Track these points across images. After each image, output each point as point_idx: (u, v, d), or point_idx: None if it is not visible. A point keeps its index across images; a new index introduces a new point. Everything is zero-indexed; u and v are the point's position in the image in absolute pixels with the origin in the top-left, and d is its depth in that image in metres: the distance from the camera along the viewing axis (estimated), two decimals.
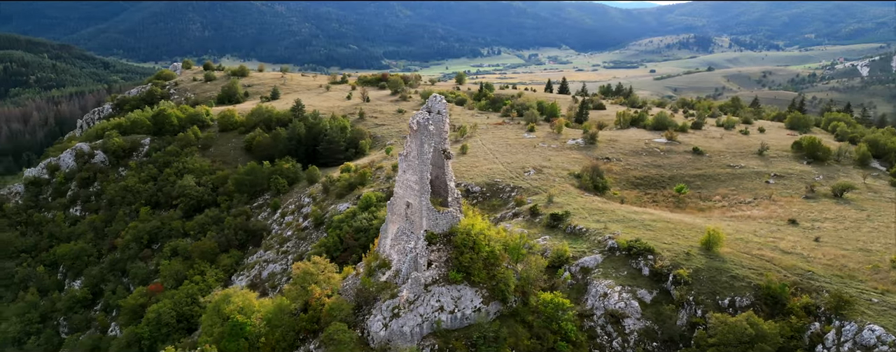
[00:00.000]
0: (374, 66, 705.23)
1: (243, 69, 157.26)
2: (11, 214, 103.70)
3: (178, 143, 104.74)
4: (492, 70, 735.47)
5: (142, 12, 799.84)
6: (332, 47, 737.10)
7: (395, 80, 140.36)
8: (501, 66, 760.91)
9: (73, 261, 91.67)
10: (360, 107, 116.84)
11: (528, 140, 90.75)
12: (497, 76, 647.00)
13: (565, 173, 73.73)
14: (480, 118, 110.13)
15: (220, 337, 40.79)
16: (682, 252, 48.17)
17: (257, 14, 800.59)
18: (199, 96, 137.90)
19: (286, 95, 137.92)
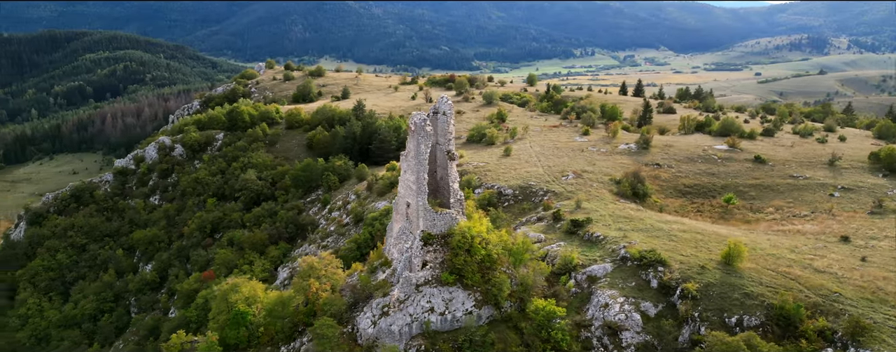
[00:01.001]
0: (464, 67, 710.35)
1: (320, 69, 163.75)
2: (101, 201, 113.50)
3: (247, 138, 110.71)
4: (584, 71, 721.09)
5: (250, 15, 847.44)
6: (424, 49, 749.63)
7: (460, 81, 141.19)
8: (594, 68, 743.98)
9: (147, 246, 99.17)
10: (419, 107, 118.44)
11: (578, 143, 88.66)
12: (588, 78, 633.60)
13: (606, 179, 71.52)
14: (538, 120, 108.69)
15: (224, 325, 43.04)
16: (697, 265, 45.65)
17: (355, 16, 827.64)
18: (277, 95, 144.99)
19: (356, 94, 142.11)
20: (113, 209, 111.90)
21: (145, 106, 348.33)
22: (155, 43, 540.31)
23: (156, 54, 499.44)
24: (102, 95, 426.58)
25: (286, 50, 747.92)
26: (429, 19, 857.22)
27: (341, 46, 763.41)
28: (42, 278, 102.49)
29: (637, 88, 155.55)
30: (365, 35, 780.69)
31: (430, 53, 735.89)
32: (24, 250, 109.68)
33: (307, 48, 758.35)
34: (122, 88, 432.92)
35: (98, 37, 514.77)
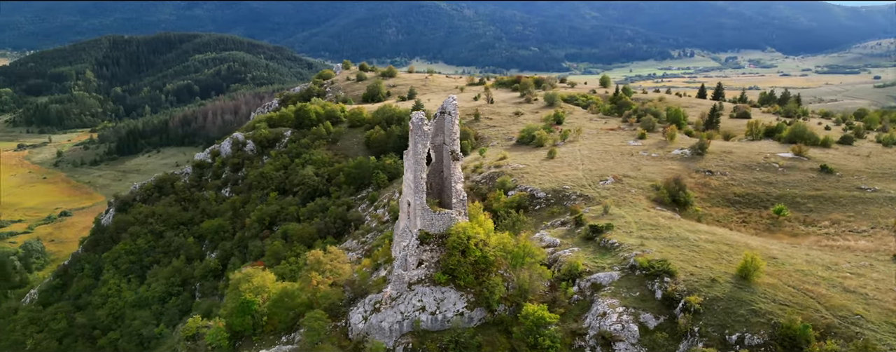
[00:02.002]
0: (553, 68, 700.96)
1: (391, 70, 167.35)
2: (179, 191, 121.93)
3: (311, 136, 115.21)
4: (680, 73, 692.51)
5: (348, 18, 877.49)
6: (513, 50, 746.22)
7: (524, 83, 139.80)
8: (692, 70, 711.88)
9: (213, 235, 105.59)
10: (479, 108, 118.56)
11: (630, 147, 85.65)
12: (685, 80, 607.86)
13: (647, 185, 68.74)
14: (596, 123, 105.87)
15: (232, 312, 45.38)
16: (708, 278, 43.17)
17: (446, 18, 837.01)
18: (349, 94, 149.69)
19: (423, 95, 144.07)
20: (189, 200, 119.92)
21: (242, 104, 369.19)
22: (257, 44, 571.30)
23: (257, 55, 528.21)
24: (208, 93, 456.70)
25: (380, 51, 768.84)
26: (519, 20, 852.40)
27: (432, 48, 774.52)
28: (123, 261, 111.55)
29: (716, 90, 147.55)
30: (455, 37, 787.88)
31: (519, 55, 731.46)
32: (110, 235, 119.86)
33: (399, 50, 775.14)
34: (226, 87, 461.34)
35: (207, 39, 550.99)
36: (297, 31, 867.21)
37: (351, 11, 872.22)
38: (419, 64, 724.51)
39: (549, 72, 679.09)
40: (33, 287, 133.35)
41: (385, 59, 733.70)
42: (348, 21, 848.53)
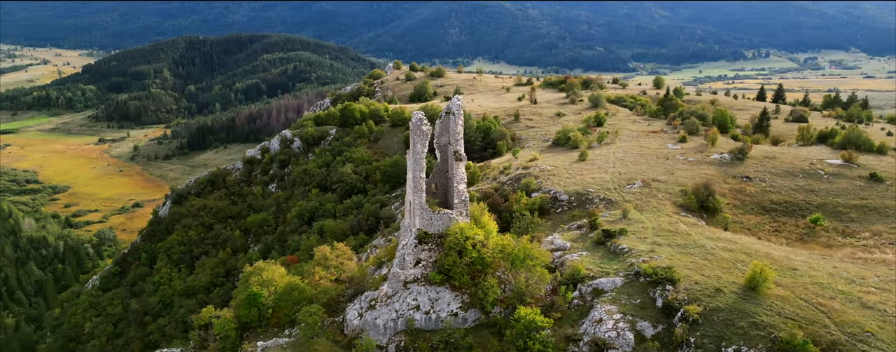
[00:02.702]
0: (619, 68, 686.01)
1: (440, 70, 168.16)
2: (230, 186, 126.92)
3: (354, 135, 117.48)
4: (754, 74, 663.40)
5: (413, 19, 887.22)
6: (577, 50, 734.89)
7: (571, 83, 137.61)
8: (767, 71, 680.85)
9: (257, 229, 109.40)
10: (520, 108, 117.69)
11: (668, 151, 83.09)
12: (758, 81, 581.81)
13: (676, 190, 66.55)
14: (639, 125, 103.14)
15: (240, 304, 47.09)
16: (713, 287, 41.55)
17: (510, 18, 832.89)
18: (396, 94, 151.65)
19: (468, 94, 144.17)
20: (238, 194, 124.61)
21: (305, 102, 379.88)
22: (322, 45, 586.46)
23: (322, 55, 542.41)
24: (274, 91, 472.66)
25: (442, 52, 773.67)
26: (585, 20, 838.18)
27: (494, 48, 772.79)
28: (175, 252, 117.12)
29: (777, 93, 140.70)
30: (518, 37, 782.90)
31: (583, 55, 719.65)
32: (165, 226, 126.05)
33: (461, 50, 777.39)
34: (291, 86, 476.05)
35: (275, 39, 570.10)
36: (363, 31, 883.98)
37: (415, 12, 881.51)
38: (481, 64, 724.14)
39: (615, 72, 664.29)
40: (96, 273, 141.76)
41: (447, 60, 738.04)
42: (412, 22, 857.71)
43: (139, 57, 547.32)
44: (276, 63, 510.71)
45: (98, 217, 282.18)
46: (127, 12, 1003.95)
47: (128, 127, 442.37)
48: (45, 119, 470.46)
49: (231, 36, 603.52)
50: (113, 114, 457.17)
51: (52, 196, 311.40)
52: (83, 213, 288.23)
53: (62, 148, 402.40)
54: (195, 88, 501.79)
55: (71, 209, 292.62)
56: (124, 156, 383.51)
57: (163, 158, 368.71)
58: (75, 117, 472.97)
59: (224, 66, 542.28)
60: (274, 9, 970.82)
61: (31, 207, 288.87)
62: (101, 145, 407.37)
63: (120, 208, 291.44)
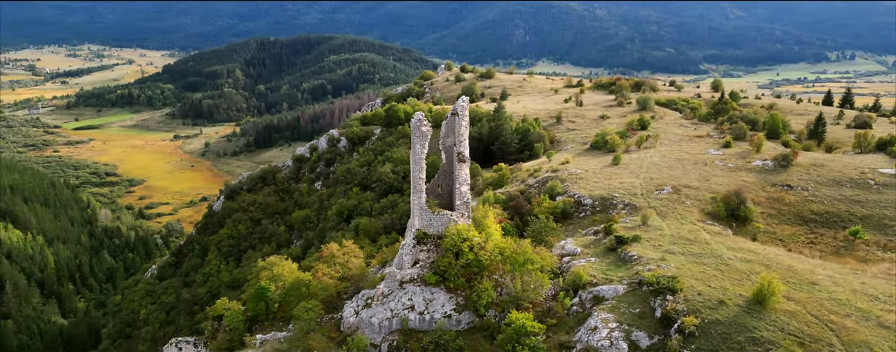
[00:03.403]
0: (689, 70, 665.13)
1: (490, 71, 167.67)
2: (279, 183, 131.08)
3: (397, 135, 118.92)
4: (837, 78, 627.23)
5: (478, 20, 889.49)
6: (646, 51, 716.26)
7: (620, 85, 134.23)
8: (851, 74, 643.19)
9: (300, 225, 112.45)
10: (564, 110, 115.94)
11: (708, 156, 79.89)
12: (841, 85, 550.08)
13: (707, 197, 63.95)
14: (685, 129, 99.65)
15: (250, 297, 48.72)
16: (717, 299, 39.77)
17: (577, 19, 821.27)
18: (444, 95, 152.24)
19: (517, 96, 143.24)
20: (286, 191, 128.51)
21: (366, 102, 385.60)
22: (387, 46, 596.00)
23: (386, 57, 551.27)
24: (339, 92, 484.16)
25: (506, 53, 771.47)
26: (655, 20, 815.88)
27: (559, 49, 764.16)
28: (225, 245, 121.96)
29: (844, 97, 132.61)
30: (584, 37, 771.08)
31: (651, 56, 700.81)
32: (218, 220, 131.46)
33: (526, 51, 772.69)
34: (355, 87, 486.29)
35: (341, 41, 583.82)
36: (428, 33, 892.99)
37: (480, 13, 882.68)
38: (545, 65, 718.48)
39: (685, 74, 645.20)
40: (155, 263, 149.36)
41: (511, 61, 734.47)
42: (477, 23, 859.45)
43: (214, 58, 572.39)
44: (342, 64, 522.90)
45: (168, 210, 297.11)
46: (206, 15, 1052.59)
47: (201, 124, 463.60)
48: (127, 116, 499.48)
49: (300, 37, 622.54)
50: (188, 112, 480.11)
51: (128, 189, 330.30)
52: (155, 205, 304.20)
53: (141, 143, 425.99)
54: (265, 87, 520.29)
55: (144, 202, 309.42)
56: (196, 152, 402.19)
57: (231, 154, 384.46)
58: (154, 114, 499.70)
59: (292, 66, 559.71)
60: (343, 10, 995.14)
61: (109, 198, 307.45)
62: (176, 141, 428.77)
63: (189, 202, 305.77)
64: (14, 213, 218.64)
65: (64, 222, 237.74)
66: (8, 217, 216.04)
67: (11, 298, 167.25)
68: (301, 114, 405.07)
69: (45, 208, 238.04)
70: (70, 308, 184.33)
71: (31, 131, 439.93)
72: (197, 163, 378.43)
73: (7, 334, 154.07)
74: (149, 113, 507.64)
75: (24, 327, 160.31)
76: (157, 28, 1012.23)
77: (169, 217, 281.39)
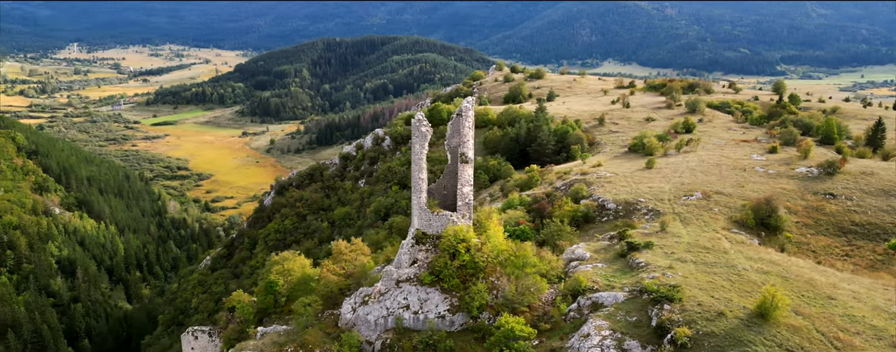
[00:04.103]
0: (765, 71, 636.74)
1: (539, 72, 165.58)
2: (325, 180, 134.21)
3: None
4: None
5: (543, 20, 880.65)
6: (718, 51, 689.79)
7: (670, 87, 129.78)
8: None
9: (341, 221, 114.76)
10: (609, 112, 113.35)
11: (750, 162, 76.39)
12: None
13: (739, 204, 61.16)
14: (733, 133, 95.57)
15: (260, 291, 50.26)
16: (716, 310, 38.08)
17: (645, 18, 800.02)
18: (492, 95, 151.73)
19: (564, 97, 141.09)
20: (332, 188, 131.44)
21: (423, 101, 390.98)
22: (449, 47, 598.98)
23: (448, 57, 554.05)
24: (400, 91, 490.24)
25: (571, 53, 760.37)
26: (729, 19, 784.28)
27: (626, 49, 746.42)
28: (272, 239, 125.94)
29: None
30: (652, 37, 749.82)
31: (724, 56, 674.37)
32: (267, 214, 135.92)
33: (591, 51, 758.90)
34: (416, 87, 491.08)
35: (404, 41, 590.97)
36: (492, 33, 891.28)
37: (545, 13, 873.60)
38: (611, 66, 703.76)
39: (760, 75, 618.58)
40: (209, 254, 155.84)
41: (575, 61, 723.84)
42: (542, 23, 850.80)
43: (282, 57, 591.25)
44: (404, 64, 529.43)
45: (232, 203, 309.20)
46: (279, 16, 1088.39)
47: (268, 122, 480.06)
48: (200, 113, 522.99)
49: (364, 38, 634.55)
50: (256, 109, 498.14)
51: (197, 182, 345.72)
52: (221, 199, 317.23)
53: (211, 139, 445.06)
54: (329, 87, 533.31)
55: (211, 195, 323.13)
56: (262, 148, 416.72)
57: (294, 151, 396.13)
58: (225, 112, 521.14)
59: (356, 66, 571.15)
60: (408, 11, 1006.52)
61: (178, 191, 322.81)
62: (244, 138, 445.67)
63: (252, 196, 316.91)
64: (90, 203, 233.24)
65: (135, 213, 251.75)
66: (84, 207, 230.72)
67: (82, 283, 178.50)
68: (362, 113, 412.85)
69: (119, 199, 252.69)
70: (135, 294, 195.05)
71: (112, 126, 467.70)
72: (262, 159, 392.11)
73: (76, 317, 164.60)
74: (220, 110, 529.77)
75: (92, 310, 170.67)
76: (232, 29, 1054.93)
77: (232, 211, 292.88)
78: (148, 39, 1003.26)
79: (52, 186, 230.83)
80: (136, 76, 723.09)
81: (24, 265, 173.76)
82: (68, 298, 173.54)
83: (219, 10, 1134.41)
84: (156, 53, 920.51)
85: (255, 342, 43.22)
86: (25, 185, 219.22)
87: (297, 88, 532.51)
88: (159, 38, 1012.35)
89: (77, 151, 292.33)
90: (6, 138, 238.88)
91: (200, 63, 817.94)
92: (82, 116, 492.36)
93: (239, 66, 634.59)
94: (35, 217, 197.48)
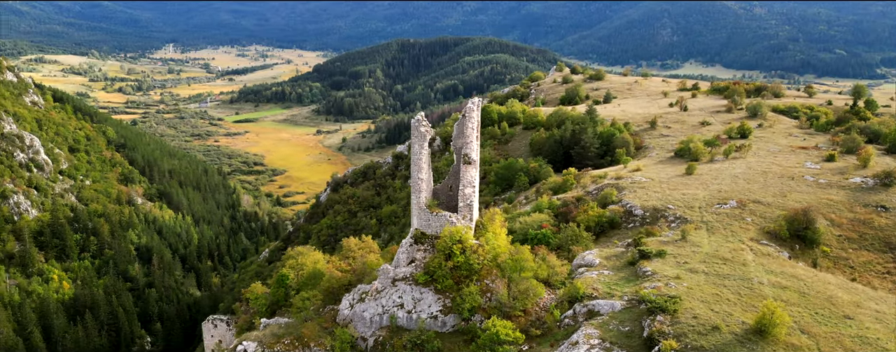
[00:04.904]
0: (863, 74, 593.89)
1: (599, 73, 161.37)
2: (377, 178, 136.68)
3: (485, 136, 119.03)
4: None
5: (622, 20, 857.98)
6: (811, 52, 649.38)
7: (733, 90, 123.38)
8: None
9: (387, 219, 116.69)
10: (663, 115, 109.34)
11: (802, 170, 71.83)
12: None
13: (775, 215, 57.69)
14: (794, 139, 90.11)
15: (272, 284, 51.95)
16: (712, 324, 36.17)
17: (732, 17, 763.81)
18: (548, 96, 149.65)
19: (622, 99, 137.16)
20: (382, 186, 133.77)
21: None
22: (521, 47, 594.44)
23: (520, 58, 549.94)
24: (469, 92, 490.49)
25: (650, 54, 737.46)
26: (824, 18, 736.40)
27: (710, 50, 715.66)
28: (323, 234, 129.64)
29: None
30: (739, 38, 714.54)
31: (817, 58, 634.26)
32: (322, 210, 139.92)
33: (672, 52, 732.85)
34: (486, 87, 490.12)
35: (477, 42, 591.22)
36: (568, 33, 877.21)
37: (625, 13, 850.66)
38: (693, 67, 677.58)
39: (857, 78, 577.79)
40: (268, 247, 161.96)
41: (655, 62, 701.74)
42: (620, 23, 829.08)
43: (358, 58, 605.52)
44: (475, 65, 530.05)
45: (302, 199, 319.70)
46: (358, 18, 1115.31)
47: (341, 121, 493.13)
48: (279, 111, 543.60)
49: (437, 39, 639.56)
50: (331, 109, 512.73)
51: (271, 178, 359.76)
52: (292, 194, 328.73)
53: (288, 137, 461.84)
54: (401, 87, 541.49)
55: (283, 190, 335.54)
56: (334, 146, 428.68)
57: (364, 149, 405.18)
58: (302, 111, 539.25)
59: (428, 67, 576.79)
60: (485, 12, 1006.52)
61: (253, 186, 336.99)
62: (318, 136, 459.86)
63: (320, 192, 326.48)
64: (170, 194, 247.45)
65: (211, 205, 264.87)
66: (164, 198, 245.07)
67: (157, 269, 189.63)
68: (430, 113, 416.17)
69: (196, 192, 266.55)
70: (205, 283, 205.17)
71: (198, 123, 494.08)
72: (333, 157, 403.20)
73: (150, 301, 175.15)
74: (298, 109, 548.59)
75: (165, 295, 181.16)
76: (314, 30, 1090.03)
77: (302, 206, 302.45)
78: (236, 40, 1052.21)
79: (136, 178, 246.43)
80: (222, 75, 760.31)
81: (105, 251, 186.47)
82: (144, 283, 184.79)
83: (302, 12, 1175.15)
84: (242, 54, 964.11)
85: (258, 333, 44.74)
86: (112, 176, 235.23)
87: (370, 88, 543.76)
88: (246, 39, 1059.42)
89: (161, 146, 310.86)
90: (98, 132, 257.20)
91: (282, 63, 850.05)
92: (172, 113, 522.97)
93: (317, 67, 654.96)
94: (119, 206, 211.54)
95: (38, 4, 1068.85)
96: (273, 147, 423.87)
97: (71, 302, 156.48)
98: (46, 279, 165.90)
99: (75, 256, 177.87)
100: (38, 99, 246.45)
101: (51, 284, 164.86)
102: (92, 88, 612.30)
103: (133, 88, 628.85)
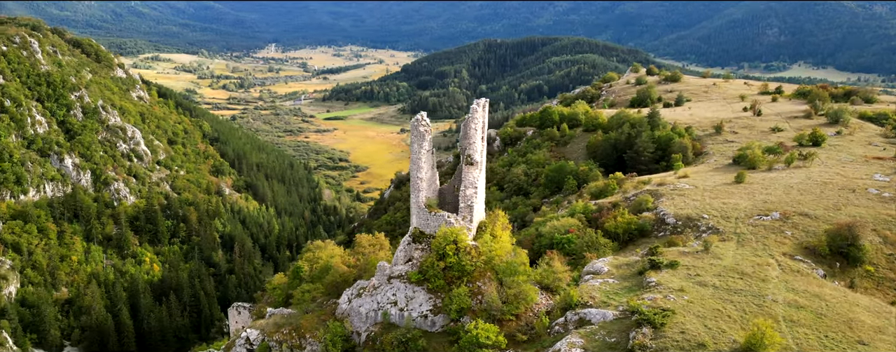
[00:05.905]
0: None
1: (676, 75, 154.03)
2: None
3: (544, 137, 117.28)
4: None
5: (723, 19, 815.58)
6: None
7: (816, 94, 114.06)
8: None
9: None
10: (731, 120, 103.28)
11: (867, 182, 65.80)
12: None
13: (821, 229, 53.33)
14: (869, 149, 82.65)
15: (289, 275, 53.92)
16: (698, 341, 34.10)
17: (848, 17, 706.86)
18: (619, 98, 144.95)
19: (695, 101, 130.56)
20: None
21: None
22: (611, 47, 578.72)
23: (609, 58, 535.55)
24: (554, 93, 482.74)
25: (753, 54, 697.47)
26: None
27: (821, 51, 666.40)
28: (382, 229, 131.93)
29: None
30: (855, 38, 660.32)
31: None
32: (384, 206, 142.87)
33: (778, 53, 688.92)
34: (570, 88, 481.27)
35: (565, 42, 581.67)
36: (664, 33, 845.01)
37: (726, 12, 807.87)
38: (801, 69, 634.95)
39: None
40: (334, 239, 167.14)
41: (758, 63, 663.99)
42: (721, 23, 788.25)
43: (444, 58, 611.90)
44: (562, 65, 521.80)
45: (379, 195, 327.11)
46: (450, 18, 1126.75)
47: None
48: (367, 110, 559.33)
49: (525, 39, 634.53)
50: (416, 108, 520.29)
51: (353, 173, 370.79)
52: (372, 190, 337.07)
53: (373, 134, 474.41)
54: (486, 87, 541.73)
55: (364, 186, 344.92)
56: None
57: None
58: (388, 109, 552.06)
59: (514, 67, 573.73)
60: (577, 12, 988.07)
61: (336, 181, 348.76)
62: (401, 135, 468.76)
63: None
64: (256, 186, 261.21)
65: (293, 198, 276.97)
66: (250, 190, 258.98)
67: (238, 257, 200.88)
68: (511, 113, 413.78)
69: (281, 185, 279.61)
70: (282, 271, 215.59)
71: (291, 119, 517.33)
72: None
73: (230, 286, 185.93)
74: (385, 107, 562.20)
75: (244, 282, 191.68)
76: (407, 31, 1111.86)
77: None
78: (333, 41, 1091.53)
79: (226, 170, 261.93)
80: (318, 74, 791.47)
81: (193, 237, 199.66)
82: (225, 269, 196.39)
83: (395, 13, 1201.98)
84: (338, 54, 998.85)
85: (263, 322, 46.64)
86: (205, 167, 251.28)
87: (455, 87, 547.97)
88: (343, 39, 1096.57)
89: (252, 140, 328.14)
90: (195, 126, 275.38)
91: (375, 63, 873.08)
92: (268, 109, 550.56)
93: (405, 67, 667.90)
94: (208, 196, 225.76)
95: (158, 5, 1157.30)
96: (358, 144, 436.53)
97: (158, 284, 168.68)
98: (139, 261, 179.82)
99: (166, 240, 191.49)
100: (143, 94, 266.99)
101: (143, 266, 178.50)
102: (199, 85, 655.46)
103: (236, 85, 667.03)
